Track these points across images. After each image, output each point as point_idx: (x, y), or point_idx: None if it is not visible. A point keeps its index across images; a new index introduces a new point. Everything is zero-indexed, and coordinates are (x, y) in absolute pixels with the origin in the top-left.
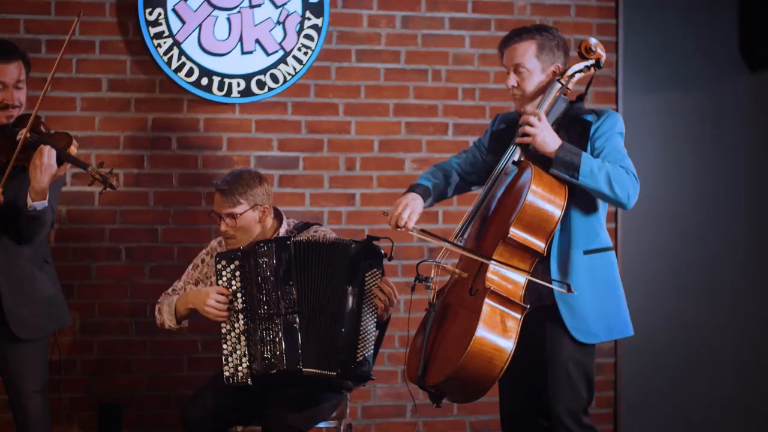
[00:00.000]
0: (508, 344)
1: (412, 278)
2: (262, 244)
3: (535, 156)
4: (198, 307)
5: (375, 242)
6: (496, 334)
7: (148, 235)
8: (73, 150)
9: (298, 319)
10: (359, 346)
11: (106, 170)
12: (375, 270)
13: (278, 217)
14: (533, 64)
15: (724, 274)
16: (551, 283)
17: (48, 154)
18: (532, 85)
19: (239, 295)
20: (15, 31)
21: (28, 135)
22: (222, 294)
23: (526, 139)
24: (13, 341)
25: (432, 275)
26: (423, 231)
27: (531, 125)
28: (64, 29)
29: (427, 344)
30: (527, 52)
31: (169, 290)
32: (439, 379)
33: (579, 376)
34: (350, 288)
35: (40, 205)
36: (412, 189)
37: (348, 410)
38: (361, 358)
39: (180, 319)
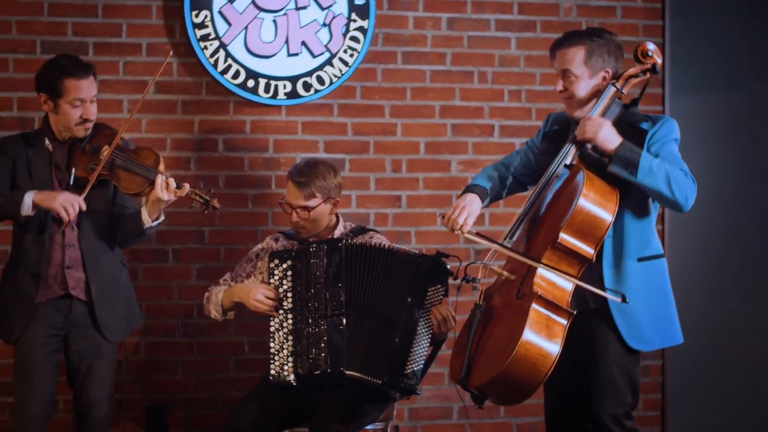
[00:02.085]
0: (553, 349)
1: (459, 279)
2: (314, 245)
3: (588, 159)
4: (244, 301)
5: (444, 259)
6: (542, 338)
7: (195, 236)
8: (162, 167)
9: (344, 322)
10: (410, 359)
11: (206, 189)
12: (439, 287)
13: (336, 216)
14: (581, 70)
15: None
16: (605, 292)
17: (170, 189)
18: (581, 90)
19: (289, 294)
20: (63, 34)
21: (110, 155)
22: (270, 291)
23: (586, 137)
24: (94, 345)
25: (479, 276)
26: (479, 234)
27: (589, 127)
28: (111, 32)
29: (471, 345)
30: (575, 58)
31: (221, 280)
32: (483, 381)
33: (624, 381)
34: (410, 299)
35: (156, 222)
36: (469, 189)
37: (394, 412)
38: (409, 371)
39: (225, 311)
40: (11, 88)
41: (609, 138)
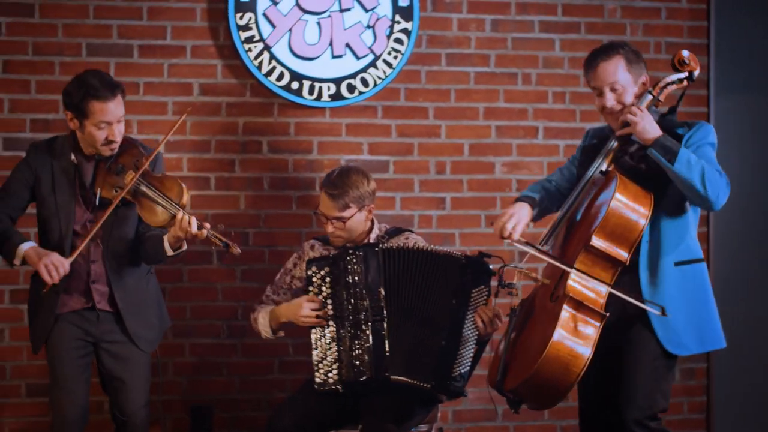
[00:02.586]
0: (585, 351)
1: (496, 283)
2: (351, 251)
3: (623, 165)
4: (292, 320)
5: (486, 259)
6: (574, 340)
7: (239, 238)
8: (185, 199)
9: (386, 326)
10: (457, 362)
11: (223, 229)
12: (482, 287)
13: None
14: (626, 78)
15: None
16: (644, 304)
17: (192, 226)
18: (628, 98)
19: (329, 301)
20: (108, 37)
21: (136, 181)
22: (313, 302)
23: (627, 130)
24: (125, 355)
25: (515, 281)
26: (528, 243)
27: (633, 114)
28: (156, 34)
29: (507, 349)
30: (618, 68)
31: (263, 297)
32: (516, 383)
33: (655, 384)
34: (454, 301)
35: (177, 252)
36: (519, 199)
37: (438, 414)
38: (456, 374)
39: (275, 331)
40: (57, 91)
41: (649, 127)
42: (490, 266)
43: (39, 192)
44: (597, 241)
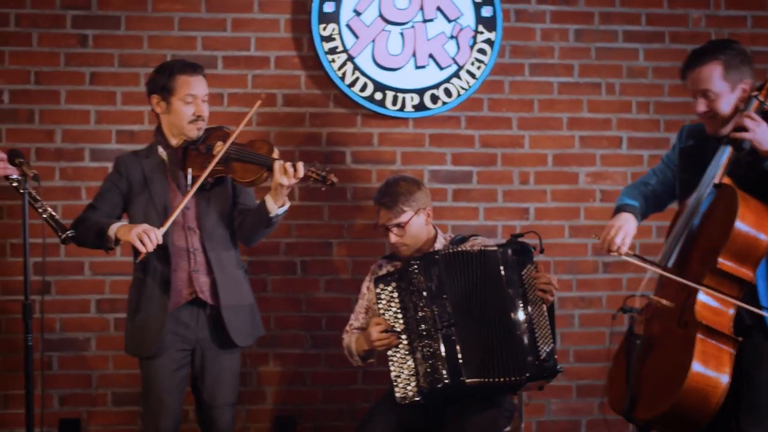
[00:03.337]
0: (723, 378)
1: (616, 310)
2: (413, 263)
3: (739, 179)
4: (371, 347)
5: (521, 239)
6: (711, 369)
7: (323, 249)
8: (276, 154)
9: (456, 332)
10: (539, 344)
11: (322, 167)
12: (529, 266)
13: (434, 228)
14: (721, 87)
15: None
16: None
17: (289, 172)
18: (723, 107)
19: (399, 315)
20: (193, 48)
21: (226, 149)
22: (379, 324)
23: (743, 134)
24: (217, 353)
25: (636, 305)
26: (636, 256)
27: (751, 119)
28: (240, 46)
29: (632, 377)
30: (713, 76)
31: (347, 326)
32: (651, 414)
33: None
34: (511, 291)
35: (282, 210)
36: (621, 209)
37: (523, 425)
38: (544, 354)
39: (363, 358)
40: (143, 102)
41: (766, 138)
42: (529, 245)
43: (132, 192)
44: (724, 263)
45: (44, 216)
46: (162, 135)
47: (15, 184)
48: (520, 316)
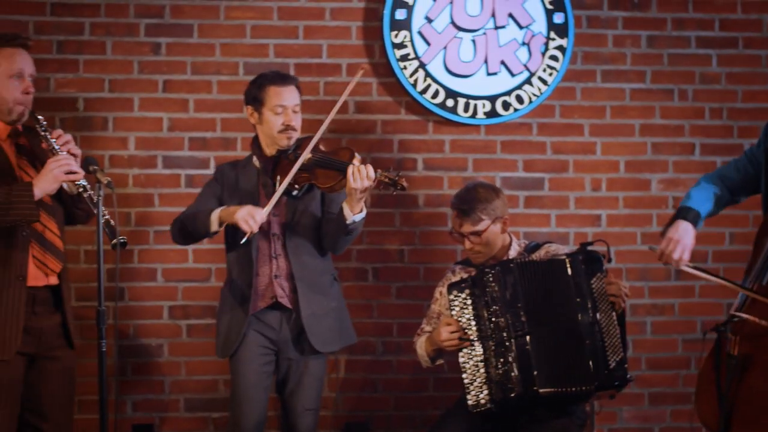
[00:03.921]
0: None
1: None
2: (488, 270)
3: None
4: (439, 346)
5: (590, 248)
6: None
7: (395, 255)
8: (356, 160)
9: (529, 340)
10: (608, 353)
11: (394, 172)
12: (599, 274)
13: (509, 235)
14: None
15: None
16: None
17: (362, 175)
18: None
19: (472, 323)
20: (265, 56)
21: (310, 155)
22: (449, 324)
23: None
24: (302, 358)
25: (727, 326)
26: (697, 268)
27: None
28: (311, 53)
29: (727, 396)
30: None
31: (419, 330)
32: None
33: None
34: (579, 300)
35: (359, 217)
36: (682, 214)
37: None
38: (614, 364)
39: (432, 359)
40: (215, 110)
41: None
42: (599, 254)
43: (224, 199)
44: None
45: (101, 221)
46: (257, 145)
47: (80, 190)
48: (590, 325)
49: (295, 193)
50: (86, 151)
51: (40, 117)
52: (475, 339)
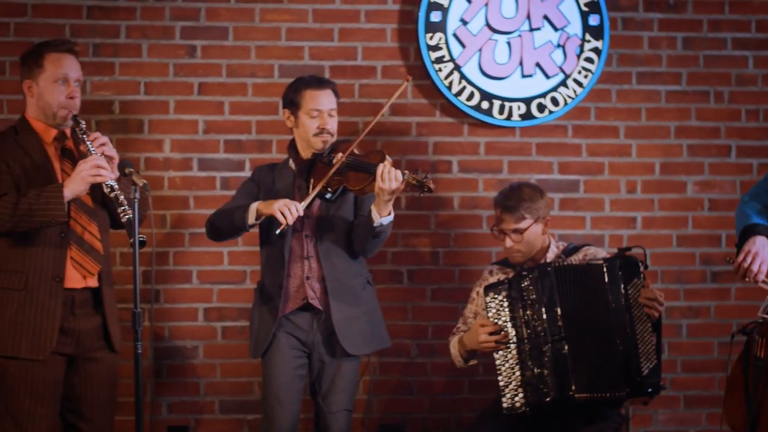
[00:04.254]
0: None
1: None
2: (525, 273)
3: None
4: (474, 347)
5: (627, 253)
6: None
7: (430, 258)
8: (388, 164)
9: (566, 345)
10: (641, 360)
11: (422, 175)
12: (636, 280)
13: (548, 238)
14: None
15: None
16: None
17: (389, 176)
18: None
19: (508, 325)
20: (300, 58)
21: (344, 159)
22: (485, 325)
23: None
24: (334, 359)
25: (754, 328)
26: None
27: None
28: (346, 55)
29: (755, 399)
30: None
31: (454, 329)
32: None
33: None
34: (614, 305)
35: (386, 220)
36: (753, 231)
37: None
38: (646, 371)
39: (466, 360)
40: (251, 112)
41: None
42: (637, 260)
43: (260, 198)
44: None
45: (124, 220)
46: (294, 148)
47: (107, 190)
48: (623, 331)
49: (328, 196)
50: (122, 154)
51: (80, 120)
52: (511, 341)
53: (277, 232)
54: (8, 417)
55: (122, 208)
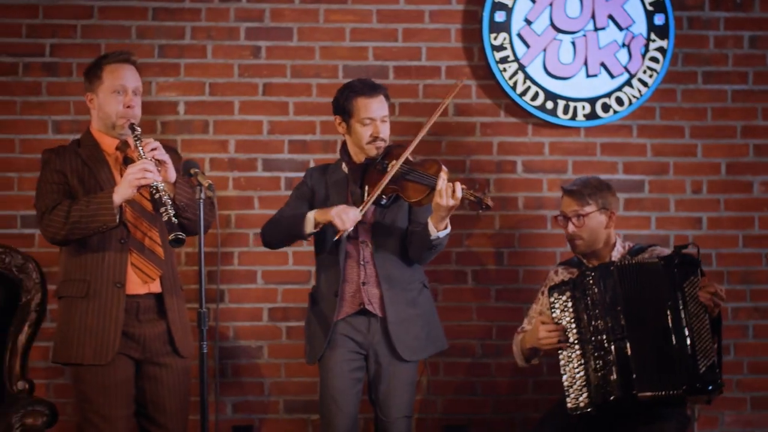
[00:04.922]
0: None
1: None
2: (588, 273)
3: None
4: (535, 345)
5: (684, 251)
6: None
7: (494, 258)
8: (443, 176)
9: (628, 344)
10: (699, 358)
11: (480, 191)
12: (692, 278)
13: (614, 237)
14: None
15: None
16: None
17: (449, 193)
18: None
19: (572, 325)
20: (364, 59)
21: (398, 167)
22: (546, 323)
23: None
24: (391, 363)
25: None
26: None
27: None
28: (410, 56)
29: None
30: None
31: (519, 329)
32: None
33: None
34: (671, 303)
35: (443, 233)
36: None
37: None
38: (704, 368)
39: (528, 359)
40: (315, 113)
41: None
42: (694, 257)
43: (314, 203)
44: None
45: (164, 219)
46: (346, 152)
47: (151, 191)
48: (680, 328)
49: (383, 202)
50: (186, 154)
51: (137, 127)
52: (575, 341)
53: (335, 239)
54: (87, 424)
55: (163, 208)
